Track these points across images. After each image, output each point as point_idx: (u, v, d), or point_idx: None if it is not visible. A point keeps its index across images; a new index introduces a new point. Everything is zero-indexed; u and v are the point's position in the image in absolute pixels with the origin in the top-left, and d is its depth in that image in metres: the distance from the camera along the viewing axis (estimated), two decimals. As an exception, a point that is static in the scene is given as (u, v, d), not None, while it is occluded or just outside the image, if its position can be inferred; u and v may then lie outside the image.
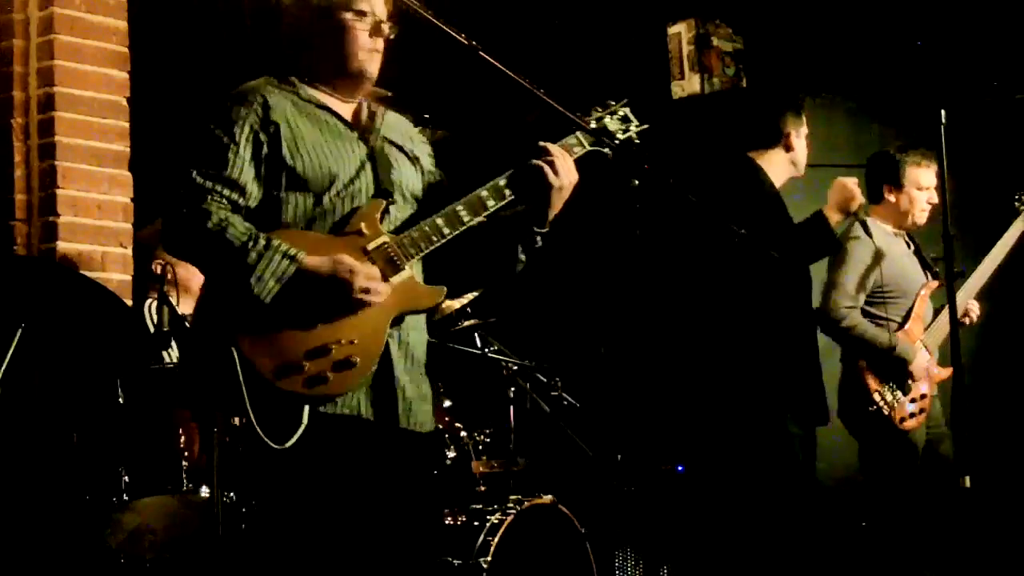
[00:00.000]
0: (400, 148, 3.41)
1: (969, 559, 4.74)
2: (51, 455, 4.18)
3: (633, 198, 3.27)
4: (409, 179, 3.37)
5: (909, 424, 5.01)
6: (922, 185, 5.13)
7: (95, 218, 4.76)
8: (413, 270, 3.25)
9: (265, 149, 3.16)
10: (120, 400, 4.09)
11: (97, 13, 4.82)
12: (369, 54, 3.32)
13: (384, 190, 3.27)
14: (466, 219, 3.27)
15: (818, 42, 6.42)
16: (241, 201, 3.14)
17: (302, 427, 3.06)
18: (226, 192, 3.12)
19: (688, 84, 6.62)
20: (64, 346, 4.19)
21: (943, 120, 4.29)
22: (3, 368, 3.81)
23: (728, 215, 4.02)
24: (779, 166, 4.81)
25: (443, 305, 5.40)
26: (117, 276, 4.77)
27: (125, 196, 4.85)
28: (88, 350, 4.17)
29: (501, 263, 3.40)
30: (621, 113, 3.53)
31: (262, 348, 3.05)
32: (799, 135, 4.83)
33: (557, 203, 3.33)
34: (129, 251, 4.83)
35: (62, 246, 4.67)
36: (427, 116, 7.50)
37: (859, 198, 4.67)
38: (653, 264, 4.82)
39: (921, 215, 5.17)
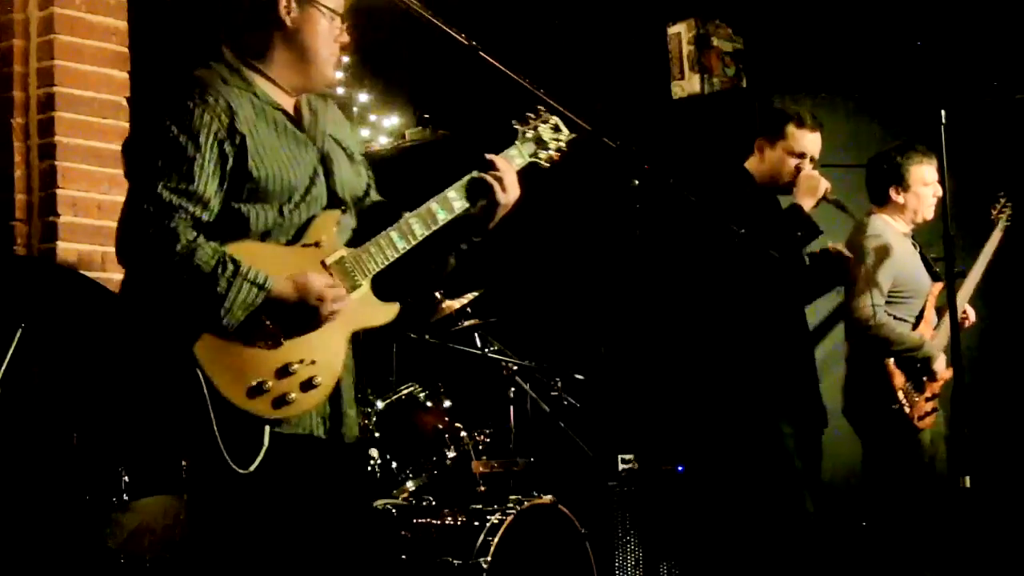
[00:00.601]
0: (340, 145, 3.32)
1: (969, 559, 4.74)
2: (51, 455, 4.18)
3: (633, 198, 3.27)
4: (352, 181, 3.31)
5: (925, 423, 5.02)
6: (927, 181, 5.14)
7: (95, 218, 4.75)
8: (368, 285, 3.22)
9: (230, 162, 3.06)
10: (120, 400, 4.08)
11: (97, 13, 4.82)
12: (333, 58, 3.25)
13: (338, 199, 3.23)
14: (419, 233, 3.24)
15: (818, 42, 6.42)
16: (205, 217, 3.03)
17: (263, 449, 3.00)
18: (191, 208, 3.02)
19: (688, 84, 6.62)
20: (64, 346, 4.19)
21: (943, 120, 4.29)
22: (3, 368, 3.81)
23: (727, 215, 4.03)
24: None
25: (443, 305, 5.41)
26: (117, 276, 4.73)
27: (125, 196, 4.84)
28: (88, 350, 4.17)
29: (434, 271, 3.39)
30: (552, 122, 3.47)
31: (226, 369, 2.99)
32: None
33: (500, 215, 3.31)
34: (129, 251, 4.82)
35: (62, 246, 4.67)
36: (427, 116, 7.52)
37: (824, 183, 4.76)
38: (653, 264, 4.82)
39: (929, 210, 5.19)
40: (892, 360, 5.00)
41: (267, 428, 3.02)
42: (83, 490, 4.02)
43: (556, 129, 3.46)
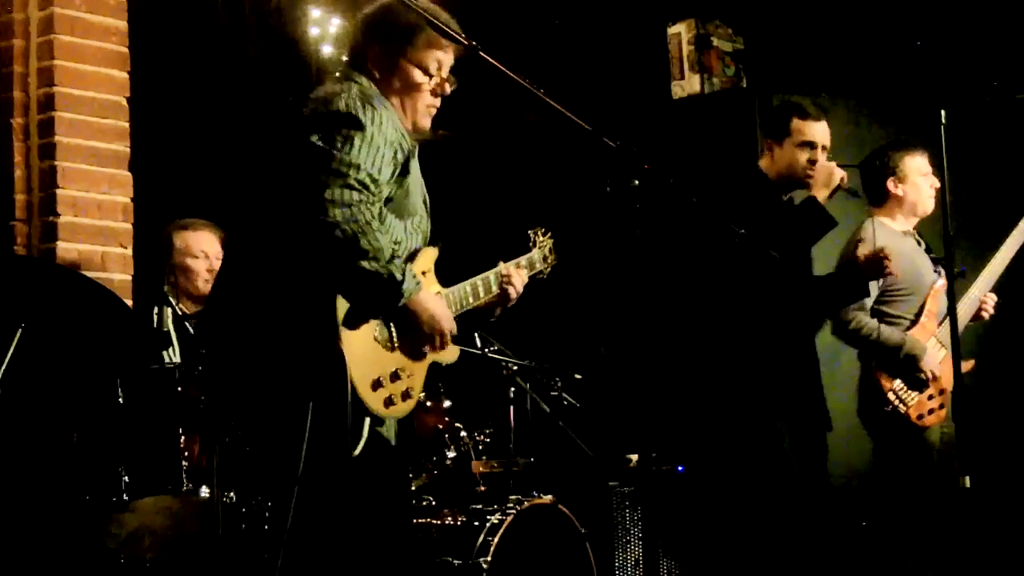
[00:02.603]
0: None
1: (971, 559, 4.74)
2: (51, 455, 4.18)
3: (633, 198, 3.27)
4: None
5: (928, 421, 5.02)
6: (923, 171, 5.17)
7: (95, 218, 4.75)
8: None
9: (397, 168, 3.32)
10: (120, 400, 4.08)
11: (97, 13, 4.82)
12: (427, 110, 3.49)
13: (435, 238, 3.52)
14: (482, 295, 3.69)
15: (818, 42, 6.42)
16: (375, 210, 3.24)
17: (363, 440, 3.20)
18: (374, 198, 3.21)
19: (688, 84, 6.62)
20: (64, 346, 4.19)
21: (943, 120, 4.29)
22: (3, 368, 3.81)
23: (733, 215, 4.03)
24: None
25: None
26: (117, 276, 4.77)
27: (125, 196, 4.85)
28: (88, 350, 4.17)
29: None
30: (549, 244, 4.09)
31: (356, 360, 3.17)
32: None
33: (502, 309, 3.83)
34: (129, 251, 4.83)
35: (62, 246, 4.67)
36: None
37: (839, 172, 4.75)
38: (653, 264, 4.82)
39: (929, 202, 5.20)
40: (876, 362, 5.02)
41: (367, 421, 3.21)
42: (83, 490, 4.02)
43: (552, 251, 4.12)
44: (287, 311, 3.18)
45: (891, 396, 4.99)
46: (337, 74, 3.51)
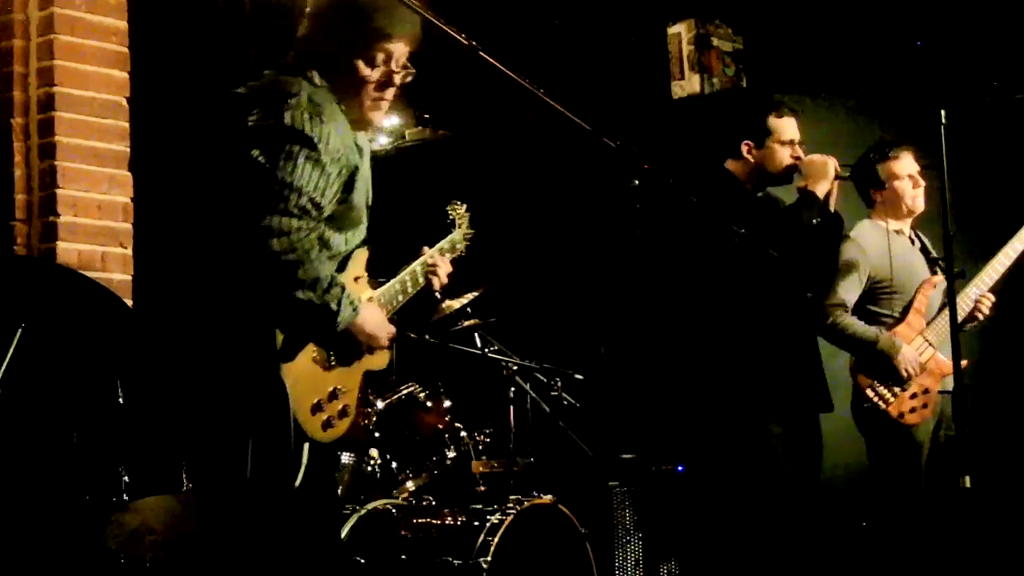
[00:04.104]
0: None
1: (970, 559, 4.74)
2: (51, 455, 4.17)
3: (633, 198, 3.27)
4: None
5: (910, 419, 5.02)
6: (899, 175, 5.17)
7: (95, 218, 4.75)
8: None
9: (341, 189, 3.22)
10: (120, 400, 4.08)
11: (97, 13, 4.82)
12: (377, 104, 3.37)
13: (367, 238, 3.42)
14: (411, 290, 3.59)
15: (818, 42, 6.42)
16: (316, 236, 3.17)
17: (303, 467, 3.13)
18: (317, 226, 3.14)
19: (688, 84, 6.63)
20: (64, 346, 4.19)
21: (943, 120, 4.29)
22: (3, 368, 3.81)
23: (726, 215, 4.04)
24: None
25: (443, 305, 5.41)
26: (117, 276, 4.77)
27: (125, 196, 4.85)
28: (88, 350, 4.17)
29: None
30: (466, 219, 4.01)
31: (295, 383, 3.10)
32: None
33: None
34: (129, 251, 4.83)
35: (62, 246, 4.67)
36: (427, 116, 7.53)
37: (832, 160, 4.80)
38: (653, 264, 4.82)
39: (913, 201, 5.21)
40: (853, 360, 5.05)
41: (306, 445, 3.14)
42: (83, 490, 4.02)
43: (468, 224, 4.02)
44: (226, 340, 3.10)
45: (869, 393, 5.02)
46: (285, 62, 3.36)
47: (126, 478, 4.00)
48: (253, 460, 3.07)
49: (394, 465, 5.02)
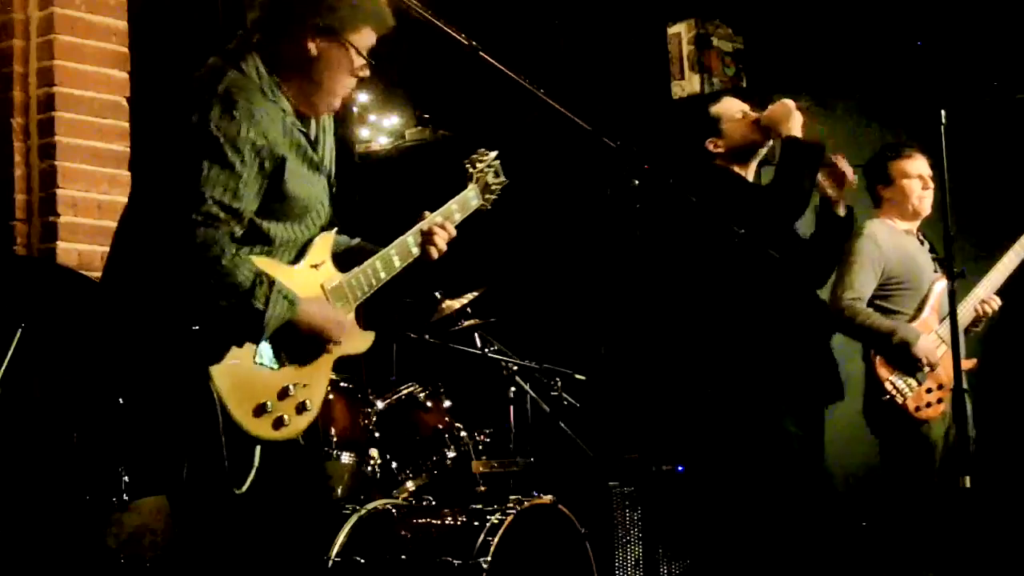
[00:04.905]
0: (332, 165, 3.38)
1: (971, 559, 4.74)
2: (51, 455, 4.17)
3: (633, 198, 3.27)
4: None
5: (926, 413, 5.01)
6: (910, 174, 5.20)
7: (95, 218, 4.76)
8: (353, 312, 3.32)
9: (267, 182, 3.09)
10: (120, 400, 4.08)
11: (97, 13, 4.82)
12: (343, 90, 3.28)
13: (332, 220, 3.31)
14: (396, 264, 3.38)
15: (818, 42, 6.42)
16: (238, 232, 3.06)
17: (254, 469, 3.05)
18: (233, 225, 3.02)
19: (688, 84, 6.63)
20: (64, 346, 4.19)
21: (943, 120, 4.30)
22: (3, 368, 3.81)
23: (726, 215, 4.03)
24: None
25: (443, 305, 5.41)
26: (117, 276, 4.76)
27: (125, 196, 4.84)
28: (88, 350, 4.17)
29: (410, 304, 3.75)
30: (495, 166, 3.74)
31: (234, 388, 3.01)
32: None
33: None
34: (129, 251, 4.82)
35: (62, 246, 4.67)
36: (427, 116, 7.53)
37: (784, 100, 4.74)
38: (653, 264, 4.82)
39: (920, 203, 5.23)
40: (874, 351, 5.04)
41: (258, 448, 3.07)
42: (83, 490, 4.02)
43: (497, 174, 3.74)
44: (153, 344, 3.01)
45: (888, 385, 5.01)
46: (228, 49, 3.22)
47: (126, 478, 4.00)
48: (189, 465, 3.03)
49: (394, 465, 5.02)
